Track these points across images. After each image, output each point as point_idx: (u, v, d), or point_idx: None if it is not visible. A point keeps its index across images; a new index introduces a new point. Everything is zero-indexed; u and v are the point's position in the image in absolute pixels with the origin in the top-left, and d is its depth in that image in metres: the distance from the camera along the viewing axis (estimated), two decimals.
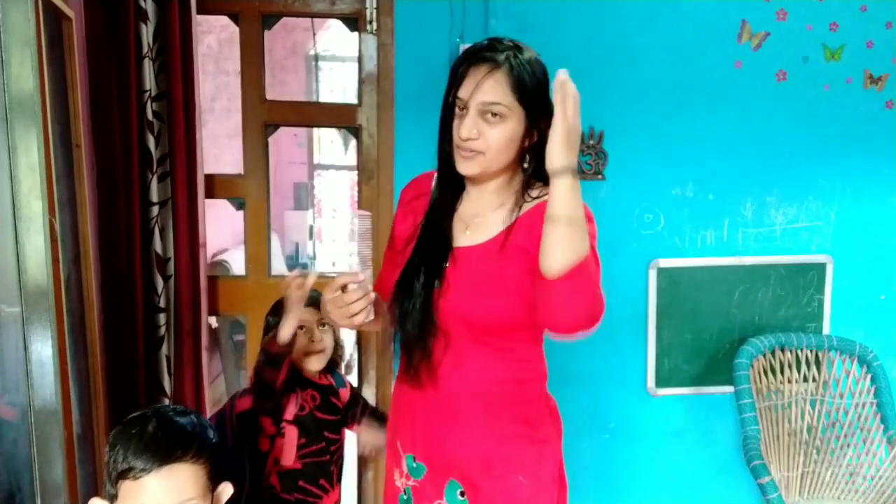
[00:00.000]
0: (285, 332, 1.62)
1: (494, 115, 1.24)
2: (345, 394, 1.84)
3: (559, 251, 1.14)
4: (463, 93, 1.25)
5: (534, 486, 1.37)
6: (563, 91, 1.14)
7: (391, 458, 1.49)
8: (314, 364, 1.75)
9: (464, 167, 1.29)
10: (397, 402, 1.48)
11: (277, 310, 1.72)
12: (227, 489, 1.19)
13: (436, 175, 1.39)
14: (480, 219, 1.34)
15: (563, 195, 1.14)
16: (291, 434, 1.69)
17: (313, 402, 1.74)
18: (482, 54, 1.25)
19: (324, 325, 1.76)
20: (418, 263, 1.35)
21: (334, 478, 1.78)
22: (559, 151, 1.13)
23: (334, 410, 1.78)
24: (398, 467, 1.45)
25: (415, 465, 1.42)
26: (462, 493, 1.37)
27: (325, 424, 1.74)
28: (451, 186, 1.36)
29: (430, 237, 1.36)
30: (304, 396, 1.73)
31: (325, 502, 1.76)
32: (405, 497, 1.44)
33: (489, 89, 1.23)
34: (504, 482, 1.35)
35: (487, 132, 1.24)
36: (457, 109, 1.27)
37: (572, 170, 1.13)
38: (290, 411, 1.71)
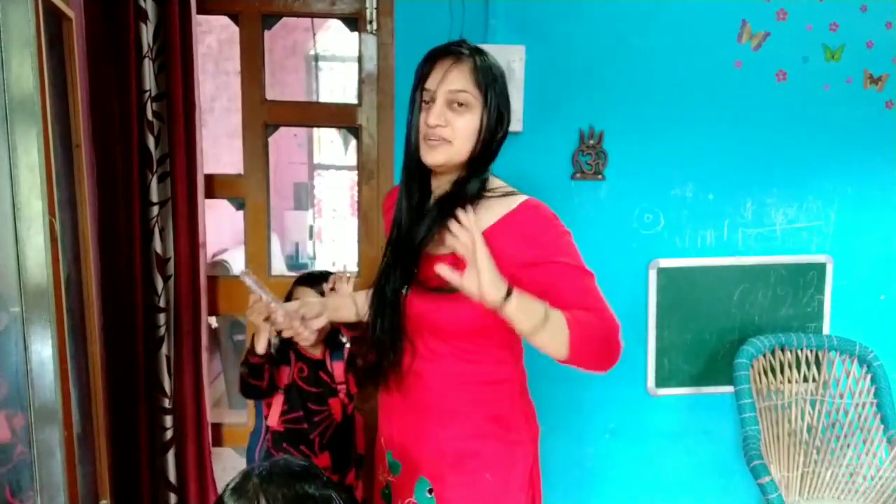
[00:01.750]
0: (260, 345, 1.72)
1: (460, 104, 1.29)
2: (339, 367, 1.89)
3: (551, 349, 1.20)
4: (430, 83, 1.30)
5: (501, 485, 1.39)
6: (465, 234, 1.16)
7: (377, 453, 1.56)
8: (303, 343, 1.78)
9: (430, 156, 1.32)
10: (381, 400, 1.54)
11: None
12: None
13: (401, 177, 1.41)
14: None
15: (516, 319, 1.17)
16: (277, 400, 1.84)
17: (300, 373, 1.86)
18: (447, 48, 1.31)
19: None
20: (387, 269, 1.40)
21: (316, 446, 1.87)
22: (490, 288, 1.15)
23: (319, 383, 1.86)
24: (381, 463, 1.53)
25: (393, 461, 1.48)
26: (430, 491, 1.40)
27: (307, 395, 1.84)
28: (417, 184, 1.38)
29: (397, 242, 1.40)
30: (294, 368, 1.86)
31: None
32: (386, 491, 1.52)
33: (455, 78, 1.29)
34: (471, 478, 1.38)
35: (454, 120, 1.30)
36: (423, 102, 1.33)
37: (507, 295, 1.16)
38: (282, 380, 1.86)
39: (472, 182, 1.34)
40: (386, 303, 1.38)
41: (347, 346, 1.91)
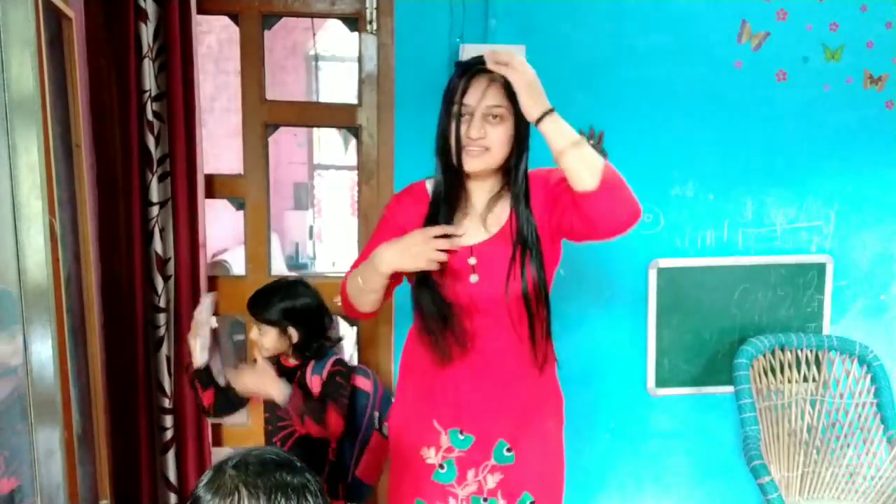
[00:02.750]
0: (196, 358, 1.78)
1: (495, 116, 1.46)
2: (315, 382, 1.84)
3: (583, 170, 1.36)
4: (470, 100, 1.45)
5: (558, 432, 1.65)
6: (499, 60, 1.39)
7: (422, 438, 1.61)
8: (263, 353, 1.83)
9: (470, 164, 1.48)
10: (430, 384, 1.60)
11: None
12: None
13: (435, 179, 1.56)
14: (492, 214, 1.53)
15: (555, 132, 1.37)
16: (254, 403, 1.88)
17: None
18: (479, 68, 1.45)
19: (261, 327, 1.83)
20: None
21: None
22: (531, 104, 1.38)
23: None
24: (435, 444, 1.59)
25: (461, 437, 1.58)
26: (509, 450, 1.57)
27: (274, 404, 1.80)
28: (455, 186, 1.53)
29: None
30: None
31: None
32: (443, 470, 1.59)
33: (493, 96, 1.45)
34: (538, 429, 1.59)
35: (491, 131, 1.46)
36: (464, 115, 1.46)
37: (549, 111, 1.37)
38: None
39: (517, 182, 1.51)
40: (440, 290, 1.51)
41: (335, 357, 1.87)
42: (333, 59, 6.11)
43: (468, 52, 2.22)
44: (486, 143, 1.46)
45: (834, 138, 2.44)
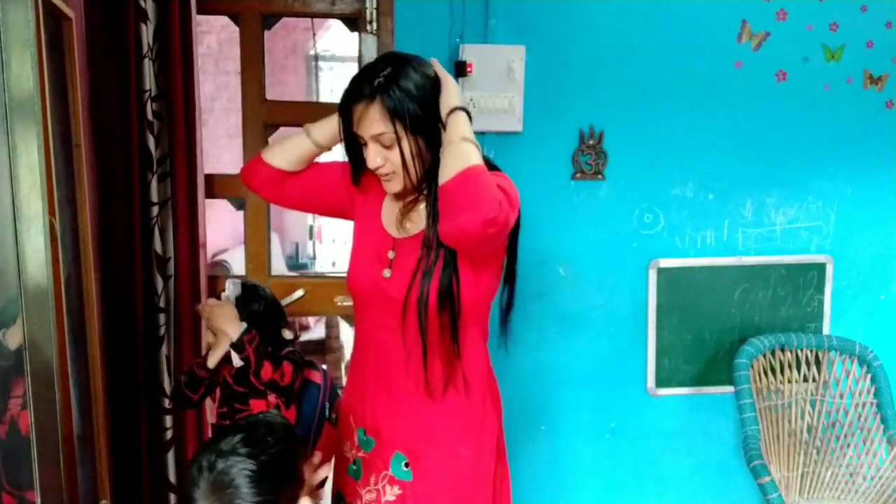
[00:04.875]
0: (212, 360, 1.74)
1: (386, 145, 1.35)
2: (266, 371, 1.85)
3: (453, 163, 1.27)
4: (357, 129, 1.37)
5: (474, 457, 1.48)
6: (436, 65, 1.38)
7: (344, 431, 1.60)
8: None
9: (389, 188, 1.42)
10: (351, 377, 1.59)
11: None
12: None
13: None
14: (414, 212, 1.45)
15: (459, 124, 1.31)
16: (216, 395, 1.86)
17: (230, 371, 1.85)
18: (357, 88, 1.35)
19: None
20: (365, 253, 1.49)
21: None
22: (454, 96, 1.34)
23: (246, 383, 1.83)
24: (349, 440, 1.57)
25: (365, 438, 1.52)
26: (406, 465, 1.48)
27: (234, 394, 1.83)
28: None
29: (372, 229, 1.50)
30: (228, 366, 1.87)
31: None
32: (354, 467, 1.55)
33: (371, 124, 1.34)
34: (445, 452, 1.46)
35: (389, 156, 1.37)
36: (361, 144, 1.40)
37: (464, 107, 1.33)
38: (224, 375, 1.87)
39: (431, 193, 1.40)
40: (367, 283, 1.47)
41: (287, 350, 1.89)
42: (333, 59, 6.10)
43: (468, 52, 2.22)
44: (388, 169, 1.38)
45: (834, 138, 2.44)
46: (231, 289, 1.76)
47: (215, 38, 4.85)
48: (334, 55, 6.06)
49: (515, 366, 2.46)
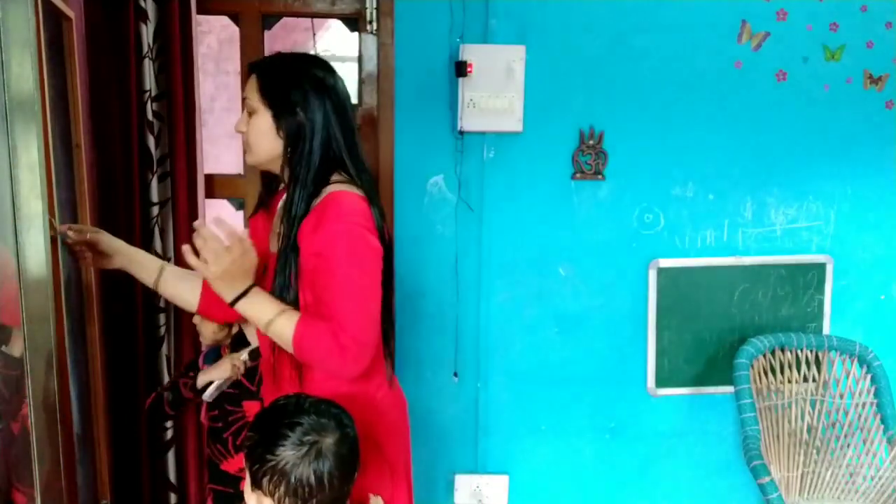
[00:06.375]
0: (208, 393, 1.80)
1: (250, 111, 1.41)
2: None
3: (281, 342, 1.36)
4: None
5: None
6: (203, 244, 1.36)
7: None
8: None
9: (247, 158, 1.47)
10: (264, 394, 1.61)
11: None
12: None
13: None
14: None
15: (250, 314, 1.35)
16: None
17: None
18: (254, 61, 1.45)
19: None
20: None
21: (230, 445, 1.88)
22: (220, 292, 1.35)
23: (237, 385, 1.86)
24: None
25: None
26: None
27: (225, 395, 1.86)
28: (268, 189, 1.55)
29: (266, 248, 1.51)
30: None
31: (227, 465, 1.88)
32: None
33: (247, 89, 1.42)
34: None
35: (250, 125, 1.42)
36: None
37: (237, 297, 1.34)
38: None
39: (295, 203, 1.38)
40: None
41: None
42: (333, 59, 6.09)
43: (468, 52, 2.22)
44: (246, 137, 1.43)
45: (834, 138, 2.44)
46: (211, 392, 1.81)
47: (215, 38, 4.84)
48: (334, 55, 6.06)
49: (515, 366, 2.47)
